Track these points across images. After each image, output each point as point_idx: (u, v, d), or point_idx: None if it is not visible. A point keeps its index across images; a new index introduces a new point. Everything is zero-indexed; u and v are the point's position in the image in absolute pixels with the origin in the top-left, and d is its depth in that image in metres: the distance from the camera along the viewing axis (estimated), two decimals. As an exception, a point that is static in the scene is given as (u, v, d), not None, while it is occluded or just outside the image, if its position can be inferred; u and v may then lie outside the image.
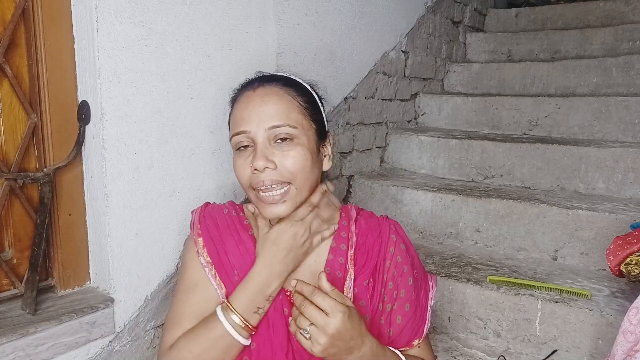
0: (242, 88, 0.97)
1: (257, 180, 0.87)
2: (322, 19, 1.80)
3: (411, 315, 0.96)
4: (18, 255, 1.14)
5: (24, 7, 1.08)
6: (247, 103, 0.91)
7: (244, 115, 0.90)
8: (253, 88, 0.92)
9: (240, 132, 0.90)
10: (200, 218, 0.99)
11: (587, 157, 1.93)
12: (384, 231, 1.00)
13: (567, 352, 1.41)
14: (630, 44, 2.61)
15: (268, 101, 0.89)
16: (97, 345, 1.18)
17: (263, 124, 0.88)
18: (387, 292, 0.96)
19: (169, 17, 1.25)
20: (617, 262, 1.31)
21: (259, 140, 0.88)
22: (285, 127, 0.88)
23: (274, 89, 0.91)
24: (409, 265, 0.98)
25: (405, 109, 2.55)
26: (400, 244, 0.99)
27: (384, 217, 1.04)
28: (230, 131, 0.95)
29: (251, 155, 0.89)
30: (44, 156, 1.15)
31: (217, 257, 0.95)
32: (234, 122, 0.93)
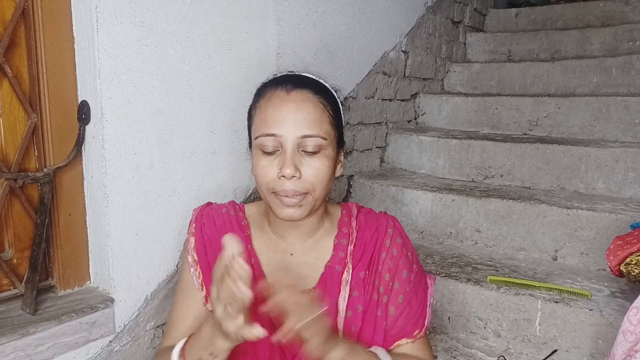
0: (271, 85, 0.93)
1: (282, 188, 0.86)
2: (322, 19, 1.80)
3: (405, 306, 0.96)
4: (18, 255, 1.14)
5: (24, 7, 1.08)
6: (281, 106, 0.87)
7: (276, 117, 0.87)
8: (287, 90, 0.89)
9: (271, 134, 0.86)
10: (197, 217, 1.00)
11: (587, 157, 1.93)
12: (381, 225, 1.01)
13: (567, 352, 1.41)
14: (630, 44, 2.61)
15: (303, 109, 0.87)
16: (97, 345, 1.18)
17: (296, 132, 0.86)
18: (383, 284, 0.96)
19: (169, 17, 1.25)
20: (617, 262, 1.31)
21: (288, 146, 0.86)
22: (317, 138, 0.87)
23: (307, 95, 0.89)
24: (404, 258, 0.99)
25: (405, 109, 2.55)
26: (397, 238, 1.00)
27: (383, 213, 1.05)
28: (254, 130, 0.91)
29: (277, 159, 0.87)
30: (44, 156, 1.15)
31: (205, 257, 0.95)
32: (264, 122, 0.88)
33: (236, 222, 1.00)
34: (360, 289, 0.95)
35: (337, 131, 0.94)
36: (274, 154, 0.87)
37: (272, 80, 0.94)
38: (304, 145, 0.86)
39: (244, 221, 1.01)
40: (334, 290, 0.94)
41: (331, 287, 0.94)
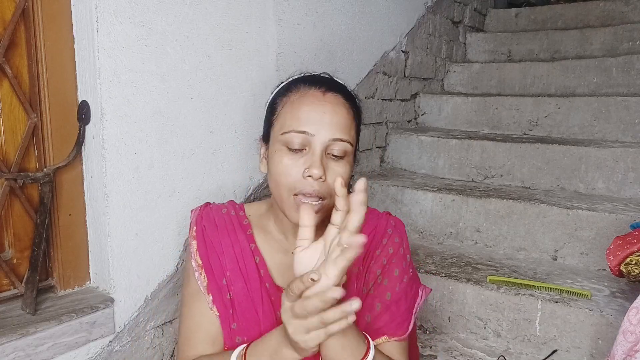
0: (303, 82, 0.90)
1: (307, 189, 0.84)
2: (322, 19, 1.80)
3: (392, 304, 0.94)
4: (18, 255, 1.14)
5: (24, 7, 1.08)
6: (317, 105, 0.85)
7: (310, 116, 0.84)
8: (321, 90, 0.88)
9: (303, 132, 0.84)
10: (197, 219, 0.98)
11: (587, 157, 1.93)
12: (381, 224, 1.00)
13: (567, 352, 1.41)
14: (630, 44, 2.61)
15: (338, 112, 0.86)
16: (97, 345, 1.18)
17: (329, 134, 0.84)
18: (372, 278, 0.95)
19: (169, 17, 1.25)
20: (617, 262, 1.31)
21: (318, 147, 0.84)
22: (346, 143, 0.86)
23: (341, 100, 0.88)
24: (399, 257, 0.98)
25: (405, 109, 2.55)
26: (395, 238, 0.99)
27: (386, 213, 1.04)
28: (281, 124, 0.87)
29: (303, 159, 0.84)
30: (44, 156, 1.15)
31: (208, 260, 0.94)
32: (296, 118, 0.85)
33: (237, 222, 0.99)
34: (352, 280, 0.95)
35: (357, 138, 0.93)
36: (300, 153, 0.85)
37: (303, 79, 0.92)
38: (331, 148, 0.85)
39: (245, 220, 1.00)
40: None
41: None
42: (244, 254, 0.94)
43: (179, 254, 1.33)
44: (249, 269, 0.94)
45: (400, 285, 0.97)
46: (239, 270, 0.93)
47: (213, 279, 0.93)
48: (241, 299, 0.92)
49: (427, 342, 1.53)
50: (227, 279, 0.93)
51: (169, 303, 1.33)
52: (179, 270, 1.33)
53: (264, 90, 1.54)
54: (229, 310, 0.92)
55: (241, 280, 0.93)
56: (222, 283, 0.93)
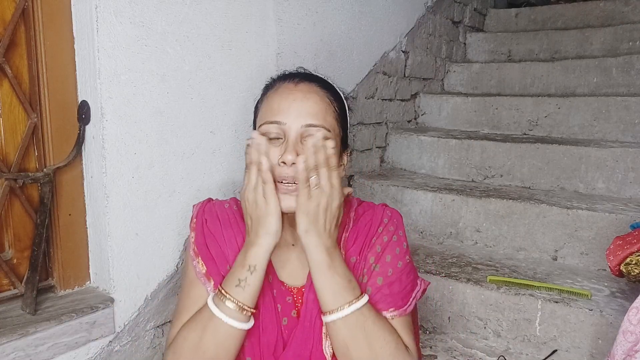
0: (280, 79, 0.96)
1: (282, 174, 0.87)
2: (322, 19, 1.80)
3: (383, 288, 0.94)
4: (18, 255, 1.14)
5: (24, 7, 1.08)
6: (288, 95, 0.90)
7: (282, 105, 0.89)
8: (294, 82, 0.92)
9: (275, 121, 0.88)
10: (198, 213, 1.01)
11: (587, 157, 1.93)
12: (377, 214, 1.02)
13: (567, 352, 1.41)
14: (630, 44, 2.61)
15: (310, 98, 0.89)
16: (97, 345, 1.18)
17: (301, 120, 0.88)
18: (367, 266, 0.96)
19: (169, 17, 1.25)
20: (617, 262, 1.31)
21: (291, 134, 0.87)
22: (320, 128, 0.88)
23: (314, 88, 0.92)
24: (392, 244, 0.98)
25: (405, 109, 2.55)
26: (390, 226, 1.00)
27: (383, 204, 1.06)
28: (259, 118, 0.93)
29: (279, 147, 0.88)
30: (44, 156, 1.15)
31: (207, 250, 0.96)
32: (269, 110, 0.91)
33: (240, 216, 1.00)
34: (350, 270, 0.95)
35: (342, 130, 0.95)
36: (277, 141, 0.88)
37: (282, 75, 0.97)
38: (307, 134, 0.87)
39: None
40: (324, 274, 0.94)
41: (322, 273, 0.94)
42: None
43: (179, 254, 1.33)
44: None
45: (394, 270, 0.97)
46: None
47: (214, 266, 0.95)
48: None
49: (427, 342, 1.53)
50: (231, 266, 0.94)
51: (169, 303, 1.33)
52: (179, 270, 1.33)
53: (264, 90, 1.54)
54: None
55: None
56: (226, 269, 0.94)
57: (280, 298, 0.94)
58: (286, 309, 0.94)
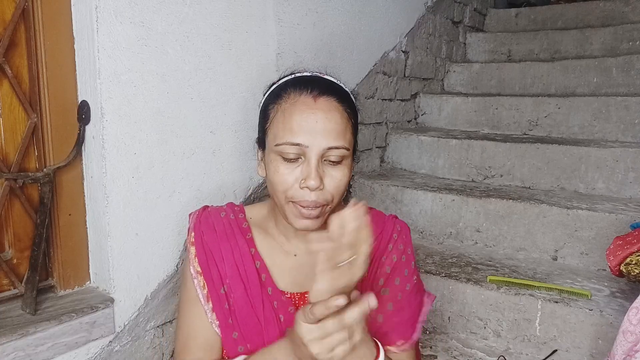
0: (294, 86, 0.87)
1: (303, 199, 0.83)
2: (322, 19, 1.80)
3: (393, 314, 0.93)
4: (18, 255, 1.14)
5: (24, 7, 1.08)
6: (308, 114, 0.83)
7: (302, 126, 0.82)
8: (312, 96, 0.84)
9: (296, 143, 0.82)
10: (195, 224, 0.96)
11: (587, 157, 1.93)
12: (387, 229, 0.99)
13: (567, 352, 1.41)
14: (630, 44, 2.61)
15: (331, 119, 0.83)
16: (97, 345, 1.18)
17: (323, 142, 0.82)
18: (376, 288, 0.94)
19: (169, 17, 1.25)
20: (617, 262, 1.31)
21: (313, 156, 0.82)
22: (342, 149, 0.84)
23: (334, 104, 0.85)
24: (401, 266, 0.96)
25: (405, 109, 2.55)
26: (400, 245, 0.98)
27: (392, 216, 1.03)
28: (274, 134, 0.85)
29: (299, 168, 0.83)
30: (44, 156, 1.15)
31: (207, 267, 0.93)
32: (288, 130, 0.83)
33: (237, 225, 0.97)
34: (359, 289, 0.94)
35: (355, 139, 0.91)
36: (296, 162, 0.84)
37: (295, 81, 0.89)
38: (327, 155, 0.83)
39: (245, 224, 0.98)
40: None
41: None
42: (243, 259, 0.93)
43: (179, 254, 1.33)
44: (249, 275, 0.92)
45: (403, 294, 0.95)
46: (239, 276, 0.92)
47: (213, 287, 0.92)
48: (241, 305, 0.91)
49: (427, 342, 1.53)
50: (227, 286, 0.91)
51: (169, 303, 1.33)
52: (179, 270, 1.33)
53: (264, 90, 1.54)
54: (228, 320, 0.91)
55: (241, 286, 0.92)
56: (220, 292, 0.91)
57: (281, 309, 0.91)
58: (289, 319, 0.90)
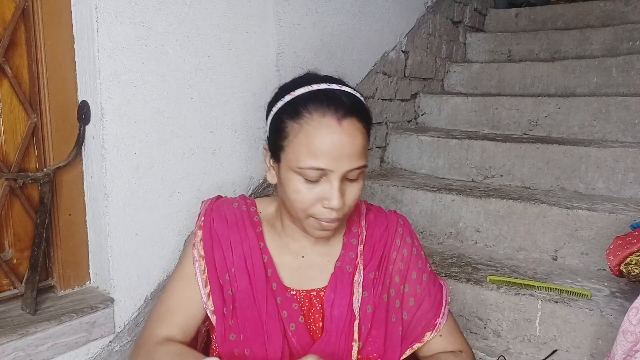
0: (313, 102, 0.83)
1: (325, 216, 0.84)
2: (322, 19, 1.80)
3: (416, 309, 0.96)
4: (18, 255, 1.14)
5: (24, 7, 1.08)
6: (332, 138, 0.80)
7: (326, 151, 0.80)
8: (337, 118, 0.81)
9: (321, 168, 0.81)
10: (207, 210, 0.97)
11: (587, 157, 1.92)
12: (391, 224, 1.00)
13: (567, 352, 1.41)
14: (630, 44, 2.61)
15: (355, 141, 0.82)
16: (97, 345, 1.18)
17: (347, 166, 0.81)
18: (394, 286, 0.96)
19: (169, 17, 1.25)
20: (617, 262, 1.31)
21: (336, 179, 0.82)
22: (362, 168, 0.85)
23: (358, 125, 0.83)
24: (414, 259, 0.99)
25: (405, 109, 2.55)
26: (407, 238, 1.00)
27: (392, 212, 1.05)
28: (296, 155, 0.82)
29: (319, 188, 0.83)
30: (44, 156, 1.15)
31: (212, 252, 0.94)
32: (312, 154, 0.80)
33: (248, 218, 0.97)
34: (370, 289, 0.94)
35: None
36: (317, 182, 0.83)
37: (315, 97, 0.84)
38: (348, 175, 0.83)
39: (256, 217, 0.99)
40: (345, 290, 0.93)
41: (342, 287, 0.93)
42: (252, 252, 0.94)
43: (179, 254, 1.33)
44: (255, 268, 0.93)
45: (421, 287, 0.97)
46: (246, 268, 0.93)
47: (215, 272, 0.93)
48: (243, 297, 0.92)
49: (427, 342, 1.53)
50: (231, 275, 0.93)
51: (169, 302, 1.33)
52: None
53: (264, 91, 1.54)
54: (229, 306, 0.91)
55: (246, 278, 0.92)
56: (225, 278, 0.93)
57: (285, 305, 0.91)
58: (293, 315, 0.91)
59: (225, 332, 0.91)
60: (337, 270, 0.95)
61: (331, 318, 0.91)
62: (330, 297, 0.92)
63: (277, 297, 0.92)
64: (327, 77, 0.90)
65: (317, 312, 0.94)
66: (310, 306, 0.94)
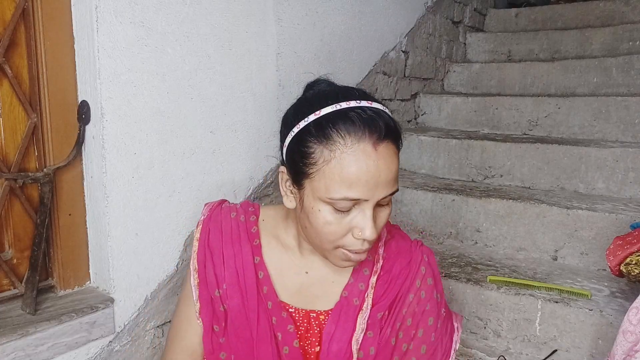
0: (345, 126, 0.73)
1: (357, 247, 0.77)
2: (322, 19, 1.80)
3: (429, 357, 0.89)
4: (18, 255, 1.14)
5: (24, 7, 1.08)
6: (370, 166, 0.72)
7: (362, 180, 0.72)
8: (372, 143, 0.73)
9: (356, 199, 0.74)
10: (205, 219, 0.93)
11: (587, 157, 1.92)
12: (414, 260, 0.91)
13: (567, 352, 1.41)
14: (630, 44, 2.61)
15: (391, 167, 0.75)
16: (97, 345, 1.18)
17: (381, 194, 0.75)
18: (404, 329, 0.88)
19: (169, 17, 1.25)
20: (617, 262, 1.31)
21: (370, 208, 0.75)
22: (394, 193, 0.78)
23: (393, 149, 0.76)
24: (433, 302, 0.90)
25: (405, 109, 2.55)
26: (429, 279, 0.91)
27: (418, 243, 0.95)
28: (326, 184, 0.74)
29: (350, 216, 0.76)
30: (44, 156, 1.15)
31: (203, 266, 0.90)
32: (345, 184, 0.72)
33: (244, 229, 0.91)
34: (376, 329, 0.87)
35: None
36: (347, 212, 0.76)
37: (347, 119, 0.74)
38: (381, 201, 0.77)
39: (254, 228, 0.92)
40: (347, 325, 0.87)
41: (345, 321, 0.87)
42: (245, 267, 0.88)
43: (179, 254, 1.33)
44: (248, 285, 0.88)
45: (436, 334, 0.90)
46: (238, 285, 0.88)
47: (205, 288, 0.89)
48: (235, 315, 0.87)
49: (427, 342, 1.53)
50: (223, 291, 0.88)
51: (169, 303, 1.33)
52: (179, 270, 1.33)
53: (264, 90, 1.54)
54: (220, 323, 0.88)
55: (239, 295, 0.88)
56: (214, 294, 0.89)
57: (280, 326, 0.87)
58: (287, 337, 0.87)
59: (215, 350, 0.88)
60: (343, 301, 0.88)
61: (328, 353, 0.85)
62: (330, 329, 0.86)
63: (272, 317, 0.87)
64: (350, 91, 0.80)
65: (314, 335, 0.88)
66: (309, 327, 0.88)
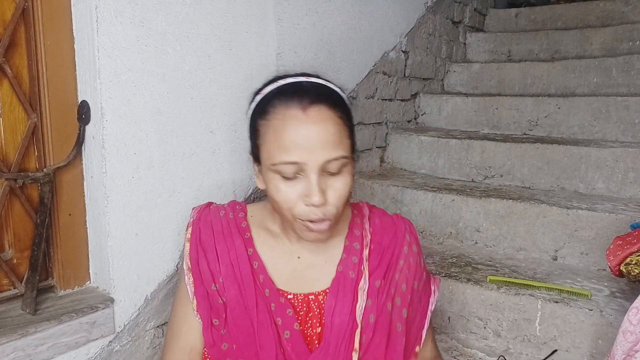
0: (280, 97, 0.81)
1: (309, 217, 0.80)
2: (322, 18, 1.80)
3: (413, 320, 0.95)
4: (18, 255, 1.14)
5: (24, 7, 1.08)
6: (300, 129, 0.78)
7: (296, 143, 0.77)
8: (302, 107, 0.78)
9: (292, 162, 0.78)
10: (194, 220, 0.95)
11: (587, 157, 1.93)
12: (399, 230, 0.97)
13: (567, 352, 1.41)
14: (630, 44, 2.61)
15: (325, 129, 0.78)
16: (97, 345, 1.18)
17: (320, 156, 0.78)
18: (399, 294, 0.92)
19: (169, 17, 1.25)
20: (617, 262, 1.31)
21: (312, 172, 0.78)
22: (341, 159, 0.80)
23: (326, 112, 0.79)
24: (420, 268, 0.97)
25: (405, 109, 2.55)
26: (413, 246, 0.97)
27: (398, 216, 1.01)
28: (268, 152, 0.81)
29: (299, 184, 0.80)
30: (44, 156, 1.15)
31: (197, 266, 0.91)
32: (282, 148, 0.78)
33: (235, 225, 0.94)
34: (373, 297, 0.90)
35: (352, 140, 0.86)
36: (296, 178, 0.80)
37: (279, 92, 0.83)
38: (327, 167, 0.80)
39: (244, 223, 0.96)
40: (347, 297, 0.89)
41: (344, 294, 0.89)
42: (239, 259, 0.91)
43: (179, 254, 1.33)
44: (244, 276, 0.90)
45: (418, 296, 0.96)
46: (234, 277, 0.90)
47: (201, 284, 0.91)
48: (234, 306, 0.89)
49: (427, 342, 1.53)
50: (219, 285, 0.90)
51: (169, 303, 1.33)
52: (179, 270, 1.33)
53: (264, 90, 1.54)
54: (220, 315, 0.89)
55: (236, 287, 0.90)
56: (211, 289, 0.90)
57: (279, 312, 0.88)
58: (287, 322, 0.88)
59: (217, 342, 0.89)
60: (339, 275, 0.91)
61: (331, 326, 0.87)
62: (331, 304, 0.89)
63: (270, 303, 0.89)
64: (300, 73, 0.86)
65: (314, 317, 0.90)
66: (308, 311, 0.90)
